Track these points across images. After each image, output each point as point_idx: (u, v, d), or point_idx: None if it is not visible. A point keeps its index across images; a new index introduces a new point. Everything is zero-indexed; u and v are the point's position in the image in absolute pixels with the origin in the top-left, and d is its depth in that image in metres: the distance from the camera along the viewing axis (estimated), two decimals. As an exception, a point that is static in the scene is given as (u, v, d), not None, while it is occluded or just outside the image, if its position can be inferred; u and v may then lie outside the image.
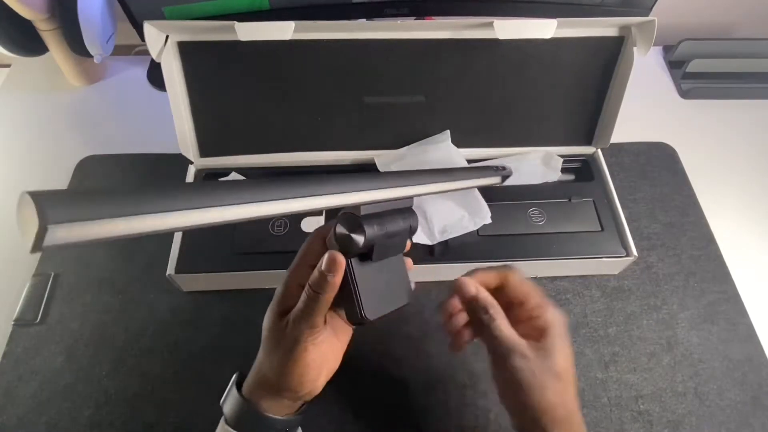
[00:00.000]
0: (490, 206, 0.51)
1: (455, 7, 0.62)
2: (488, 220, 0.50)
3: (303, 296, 0.33)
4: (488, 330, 0.34)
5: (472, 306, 0.35)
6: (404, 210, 0.36)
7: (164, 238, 0.50)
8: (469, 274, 0.37)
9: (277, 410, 0.35)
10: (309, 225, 0.52)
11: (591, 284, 0.54)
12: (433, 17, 0.67)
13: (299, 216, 0.52)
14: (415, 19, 0.65)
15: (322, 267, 0.32)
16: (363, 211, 0.33)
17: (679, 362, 0.49)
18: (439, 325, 0.39)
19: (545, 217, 0.53)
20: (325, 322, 0.34)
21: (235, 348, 0.49)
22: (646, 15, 0.59)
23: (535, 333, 0.34)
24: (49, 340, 0.50)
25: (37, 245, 0.18)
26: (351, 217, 0.33)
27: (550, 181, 0.57)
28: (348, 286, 0.33)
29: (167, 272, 0.48)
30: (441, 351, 0.49)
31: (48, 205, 0.19)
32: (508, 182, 0.56)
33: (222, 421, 0.35)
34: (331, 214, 0.52)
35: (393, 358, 0.49)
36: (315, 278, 0.32)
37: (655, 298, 0.53)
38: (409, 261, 0.39)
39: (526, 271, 0.52)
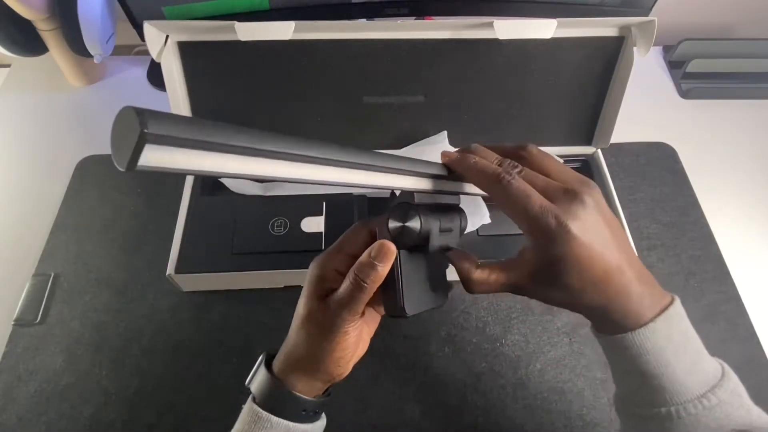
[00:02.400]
0: (489, 206, 0.51)
1: (455, 7, 0.62)
2: (487, 220, 0.50)
3: (347, 284, 0.32)
4: (516, 206, 0.29)
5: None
6: (455, 207, 0.35)
7: (164, 238, 0.50)
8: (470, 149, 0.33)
9: (308, 391, 0.34)
10: (309, 225, 0.52)
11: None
12: (433, 17, 0.67)
13: (300, 216, 0.52)
14: (415, 19, 0.65)
15: (372, 254, 0.31)
16: (417, 200, 0.32)
17: (679, 362, 0.49)
18: (439, 325, 0.39)
19: (545, 217, 0.53)
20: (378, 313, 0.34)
21: (235, 348, 0.49)
22: (646, 15, 0.59)
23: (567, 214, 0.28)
24: (49, 340, 0.50)
25: (134, 161, 0.18)
26: (406, 206, 0.32)
27: (550, 181, 0.57)
28: (392, 277, 0.32)
29: (167, 272, 0.48)
30: (441, 351, 0.49)
31: (151, 117, 0.17)
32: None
33: (249, 401, 0.35)
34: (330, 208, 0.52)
35: (393, 358, 0.49)
36: (363, 266, 0.31)
37: (655, 298, 0.53)
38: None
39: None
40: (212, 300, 0.52)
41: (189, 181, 0.54)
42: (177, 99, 0.51)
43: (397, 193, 0.34)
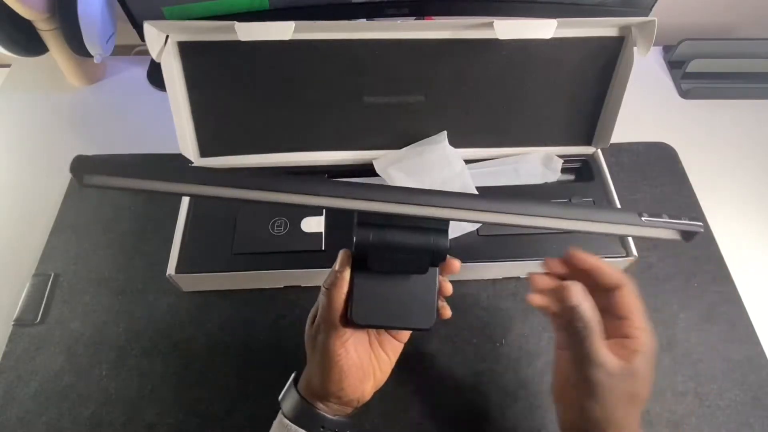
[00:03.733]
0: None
1: (455, 7, 0.62)
2: (488, 220, 0.50)
3: (320, 296, 0.35)
4: (580, 339, 0.33)
5: (569, 313, 0.34)
6: (428, 230, 0.34)
7: (164, 238, 0.50)
8: (579, 256, 0.37)
9: (329, 411, 0.36)
10: (309, 225, 0.52)
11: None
12: (433, 17, 0.67)
13: (300, 216, 0.52)
14: (415, 19, 0.65)
15: (336, 263, 0.34)
16: (361, 218, 0.33)
17: (679, 362, 0.49)
18: (439, 326, 0.39)
19: (545, 217, 0.53)
20: (346, 325, 0.34)
21: (235, 348, 0.49)
22: (646, 15, 0.59)
23: (625, 352, 0.33)
24: (49, 340, 0.50)
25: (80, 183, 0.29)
26: (357, 219, 0.33)
27: (550, 182, 0.57)
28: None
29: (167, 272, 0.48)
30: (441, 351, 0.49)
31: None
32: (507, 182, 0.56)
33: (280, 415, 0.37)
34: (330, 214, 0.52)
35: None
36: (328, 275, 0.35)
37: (655, 299, 0.53)
38: (447, 287, 0.38)
39: (526, 271, 0.53)
40: (212, 300, 0.52)
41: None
42: (177, 99, 0.51)
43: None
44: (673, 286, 0.54)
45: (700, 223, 0.35)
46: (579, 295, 0.34)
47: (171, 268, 0.48)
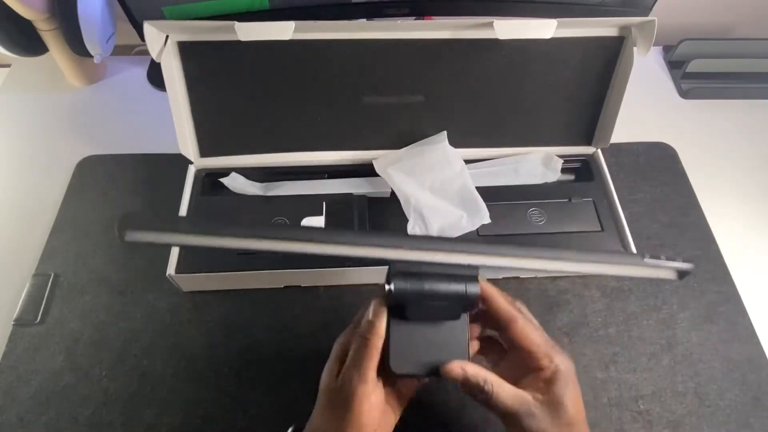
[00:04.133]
0: (489, 207, 0.51)
1: (455, 7, 0.62)
2: (487, 220, 0.50)
3: (354, 345, 0.34)
4: (490, 402, 0.33)
5: (466, 387, 0.34)
6: (460, 276, 0.35)
7: (164, 238, 0.50)
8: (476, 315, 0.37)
9: None
10: (309, 225, 0.52)
11: (591, 284, 0.54)
12: (433, 17, 0.67)
13: (300, 216, 0.52)
14: (415, 19, 0.65)
15: (369, 312, 0.34)
16: (399, 267, 0.34)
17: (679, 362, 0.49)
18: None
19: (545, 217, 0.53)
20: (378, 376, 0.34)
21: (235, 348, 0.49)
22: (646, 15, 0.59)
23: (543, 385, 0.34)
24: (49, 340, 0.50)
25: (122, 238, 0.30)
26: (390, 269, 0.34)
27: (550, 182, 0.57)
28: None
29: (167, 272, 0.48)
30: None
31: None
32: (507, 182, 0.56)
33: None
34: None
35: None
36: (363, 324, 0.34)
37: (655, 298, 0.53)
38: (475, 330, 0.39)
39: (526, 271, 0.53)
40: (212, 300, 0.52)
41: (189, 181, 0.54)
42: (177, 99, 0.51)
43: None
44: (673, 286, 0.54)
45: (692, 264, 0.38)
46: (456, 369, 0.34)
47: (171, 268, 0.48)
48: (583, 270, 0.36)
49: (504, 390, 0.33)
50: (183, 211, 0.52)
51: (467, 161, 0.55)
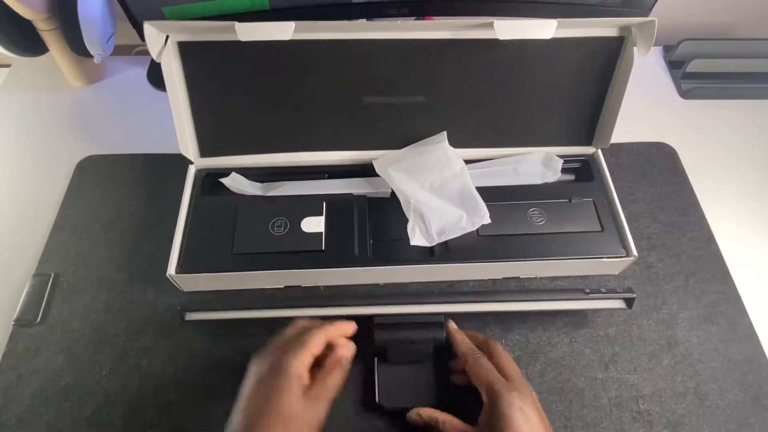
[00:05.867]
0: (489, 207, 0.51)
1: (455, 7, 0.62)
2: (487, 220, 0.50)
3: (338, 370, 0.40)
4: None
5: (427, 425, 0.42)
6: (430, 324, 0.45)
7: (164, 238, 0.50)
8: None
9: None
10: (309, 225, 0.52)
11: (591, 284, 0.54)
12: (433, 17, 0.67)
13: (300, 216, 0.52)
14: (415, 19, 0.65)
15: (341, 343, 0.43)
16: (377, 320, 0.45)
17: (679, 362, 0.49)
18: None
19: (545, 218, 0.53)
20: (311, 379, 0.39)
21: (235, 348, 0.49)
22: (646, 15, 0.59)
23: (485, 417, 0.39)
24: (49, 340, 0.50)
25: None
26: (372, 322, 0.45)
27: (550, 182, 0.57)
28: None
29: (167, 272, 0.48)
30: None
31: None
32: (507, 182, 0.56)
33: None
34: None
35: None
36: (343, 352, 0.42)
37: (655, 298, 0.53)
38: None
39: (526, 271, 0.53)
40: (212, 300, 0.52)
41: (189, 181, 0.54)
42: (177, 99, 0.51)
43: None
44: (673, 286, 0.54)
45: (634, 295, 0.47)
46: (413, 414, 0.43)
47: (171, 268, 0.48)
48: (535, 308, 0.47)
49: (453, 426, 0.40)
50: (183, 211, 0.52)
51: (467, 161, 0.55)
